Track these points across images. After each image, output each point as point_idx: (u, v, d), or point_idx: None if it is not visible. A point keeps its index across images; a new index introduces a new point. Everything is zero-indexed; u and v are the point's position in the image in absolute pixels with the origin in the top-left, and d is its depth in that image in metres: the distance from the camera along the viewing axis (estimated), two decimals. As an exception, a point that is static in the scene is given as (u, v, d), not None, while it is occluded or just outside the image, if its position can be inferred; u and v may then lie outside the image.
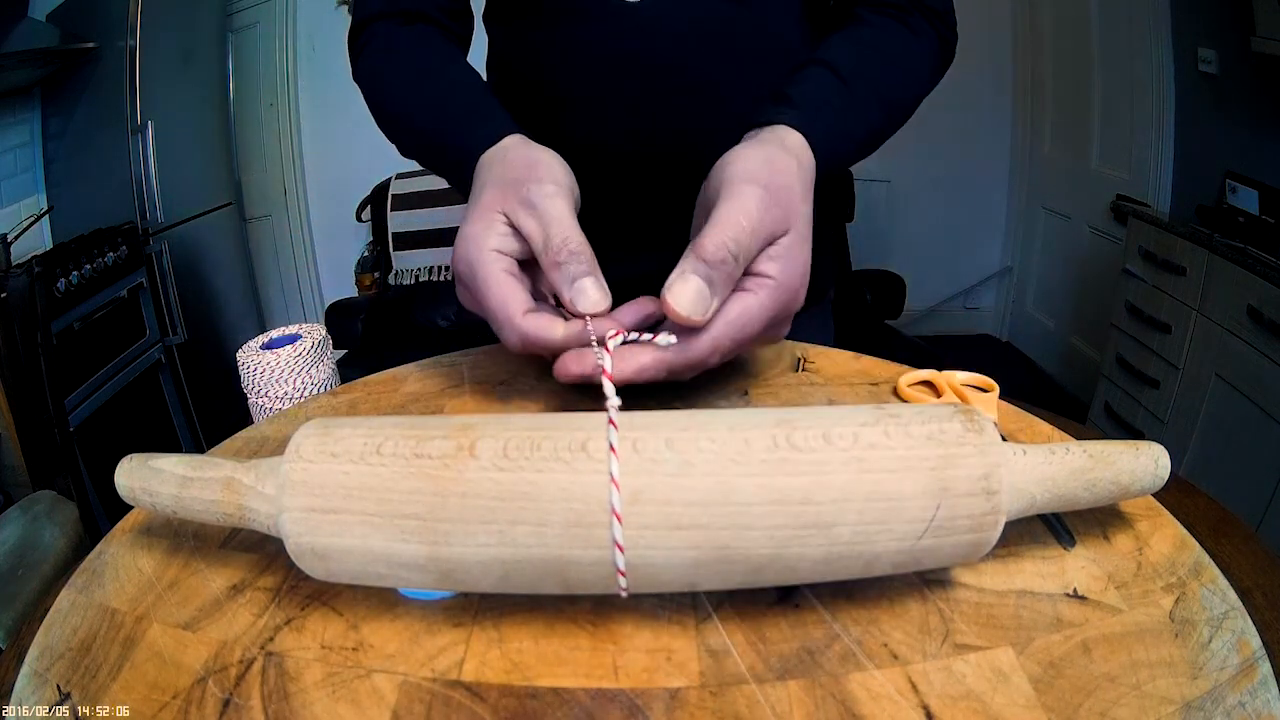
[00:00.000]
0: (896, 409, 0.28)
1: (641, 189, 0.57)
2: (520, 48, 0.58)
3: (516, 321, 0.36)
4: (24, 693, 0.26)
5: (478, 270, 0.37)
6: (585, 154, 0.57)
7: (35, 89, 1.83)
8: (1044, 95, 2.41)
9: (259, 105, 2.45)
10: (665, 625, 0.28)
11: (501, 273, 0.37)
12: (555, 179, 0.39)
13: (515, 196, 0.38)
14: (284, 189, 2.55)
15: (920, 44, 0.53)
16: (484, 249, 0.37)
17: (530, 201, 0.37)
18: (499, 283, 0.36)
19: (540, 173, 0.39)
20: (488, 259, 0.37)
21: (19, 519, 0.77)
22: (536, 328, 0.36)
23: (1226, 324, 1.40)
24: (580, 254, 0.36)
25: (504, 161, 0.41)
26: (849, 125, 0.47)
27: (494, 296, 0.36)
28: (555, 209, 0.37)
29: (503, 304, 0.36)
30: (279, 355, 0.50)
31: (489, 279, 0.36)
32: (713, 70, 0.54)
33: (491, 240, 0.37)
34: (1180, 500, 0.36)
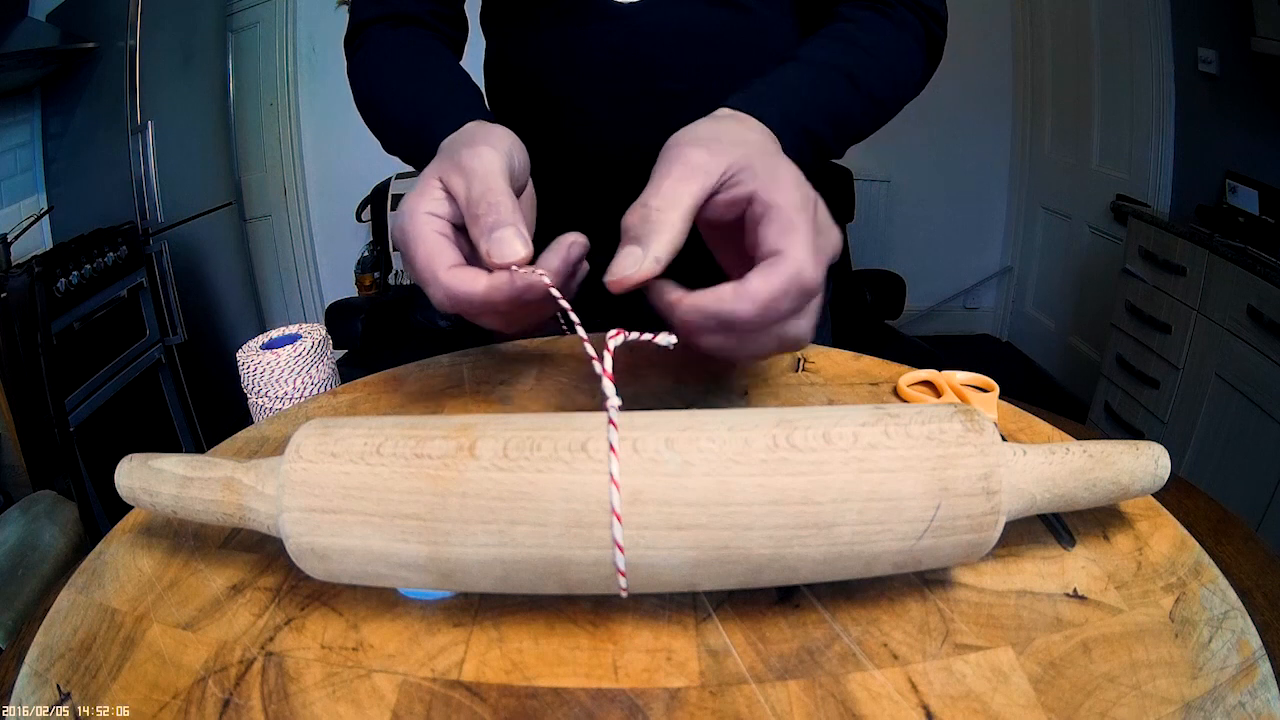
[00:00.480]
0: (896, 409, 0.28)
1: (634, 191, 0.57)
2: (516, 50, 0.58)
3: (440, 276, 0.35)
4: (24, 693, 0.26)
5: (408, 231, 0.36)
6: (580, 156, 0.57)
7: (35, 89, 1.82)
8: (1044, 95, 2.41)
9: (259, 105, 2.45)
10: (665, 625, 0.28)
11: (430, 232, 0.36)
12: (491, 142, 0.38)
13: (450, 162, 0.37)
14: (284, 189, 2.55)
15: (903, 32, 0.52)
16: (416, 212, 0.36)
17: (460, 163, 0.37)
18: (424, 240, 0.36)
19: (478, 138, 0.38)
20: (418, 220, 0.36)
21: (19, 519, 0.77)
22: (459, 281, 0.35)
23: (1226, 324, 1.40)
24: (499, 204, 0.35)
25: (454, 140, 0.41)
26: (813, 102, 0.45)
27: (420, 254, 0.36)
28: (481, 165, 0.36)
29: (428, 259, 0.35)
30: (279, 355, 0.50)
31: (416, 238, 0.36)
32: (706, 73, 0.54)
33: (424, 205, 0.37)
34: (1180, 500, 0.36)
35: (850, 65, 0.48)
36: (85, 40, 1.79)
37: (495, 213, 0.34)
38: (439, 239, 0.36)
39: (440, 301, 0.36)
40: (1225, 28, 1.62)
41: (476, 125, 0.42)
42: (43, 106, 1.85)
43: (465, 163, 0.36)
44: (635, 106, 0.54)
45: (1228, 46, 1.63)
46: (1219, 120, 1.71)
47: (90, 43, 1.80)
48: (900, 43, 0.52)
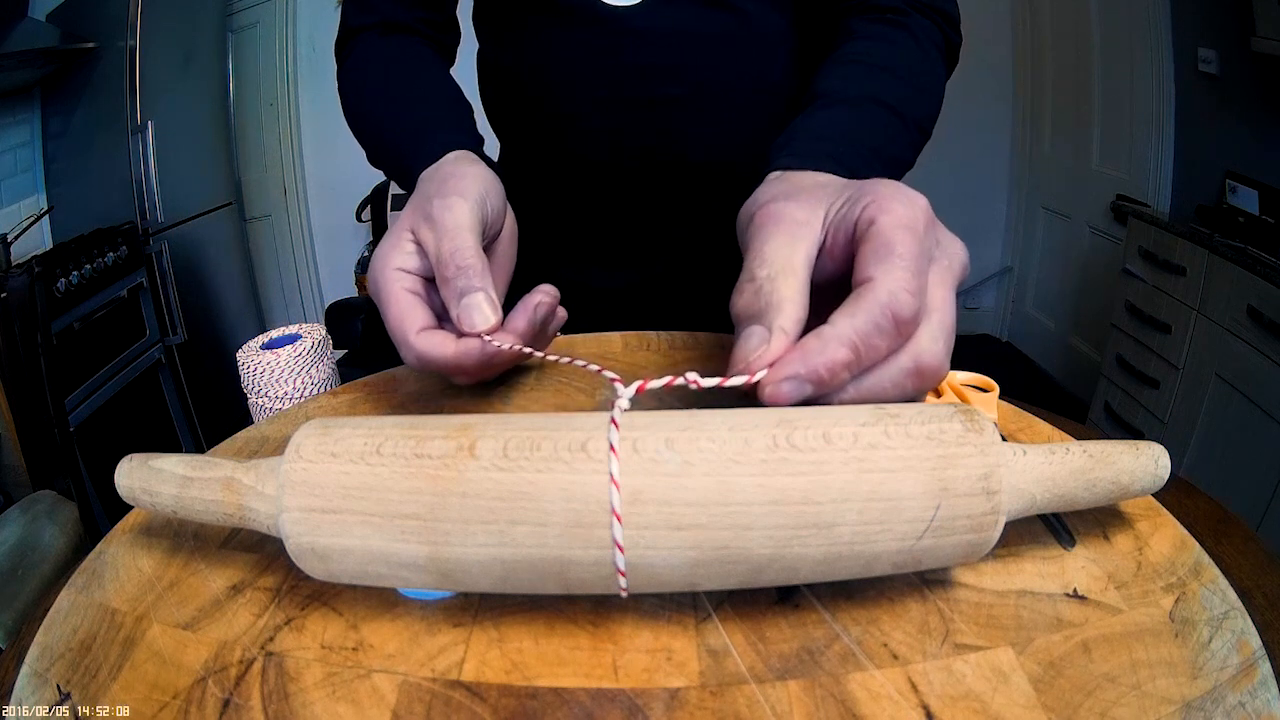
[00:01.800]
0: (896, 409, 0.28)
1: (628, 197, 0.56)
2: (508, 54, 0.58)
3: (410, 340, 0.35)
4: (24, 693, 0.26)
5: (379, 290, 0.37)
6: (574, 160, 0.57)
7: (35, 89, 1.83)
8: (1044, 95, 2.41)
9: (259, 105, 2.45)
10: (665, 625, 0.28)
11: (400, 290, 0.36)
12: (462, 191, 0.37)
13: (421, 212, 0.37)
14: (284, 189, 2.55)
15: (927, 47, 0.50)
16: (387, 268, 0.36)
17: (430, 215, 0.36)
18: (396, 301, 0.36)
19: (450, 186, 0.37)
20: (389, 278, 0.36)
21: (19, 519, 0.77)
22: (429, 345, 0.35)
23: (1226, 324, 1.40)
24: (469, 267, 0.34)
25: (430, 179, 0.40)
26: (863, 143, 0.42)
27: (392, 315, 0.36)
28: (451, 220, 0.36)
29: (399, 322, 0.35)
30: (279, 355, 0.50)
31: (388, 297, 0.36)
32: (702, 76, 0.53)
33: (395, 259, 0.37)
34: (1180, 500, 0.36)
35: (890, 96, 0.44)
36: (85, 40, 1.79)
37: (465, 277, 0.34)
38: (410, 299, 0.36)
39: (411, 362, 0.36)
40: (1225, 28, 1.62)
41: (454, 162, 0.41)
42: (43, 106, 1.85)
43: (436, 216, 0.36)
44: (629, 111, 0.54)
45: (1228, 46, 1.63)
46: (1219, 120, 1.72)
47: (90, 43, 1.80)
48: (928, 60, 0.49)
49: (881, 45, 0.48)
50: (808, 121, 0.42)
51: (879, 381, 0.29)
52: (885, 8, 0.50)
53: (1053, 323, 2.47)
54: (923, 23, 0.50)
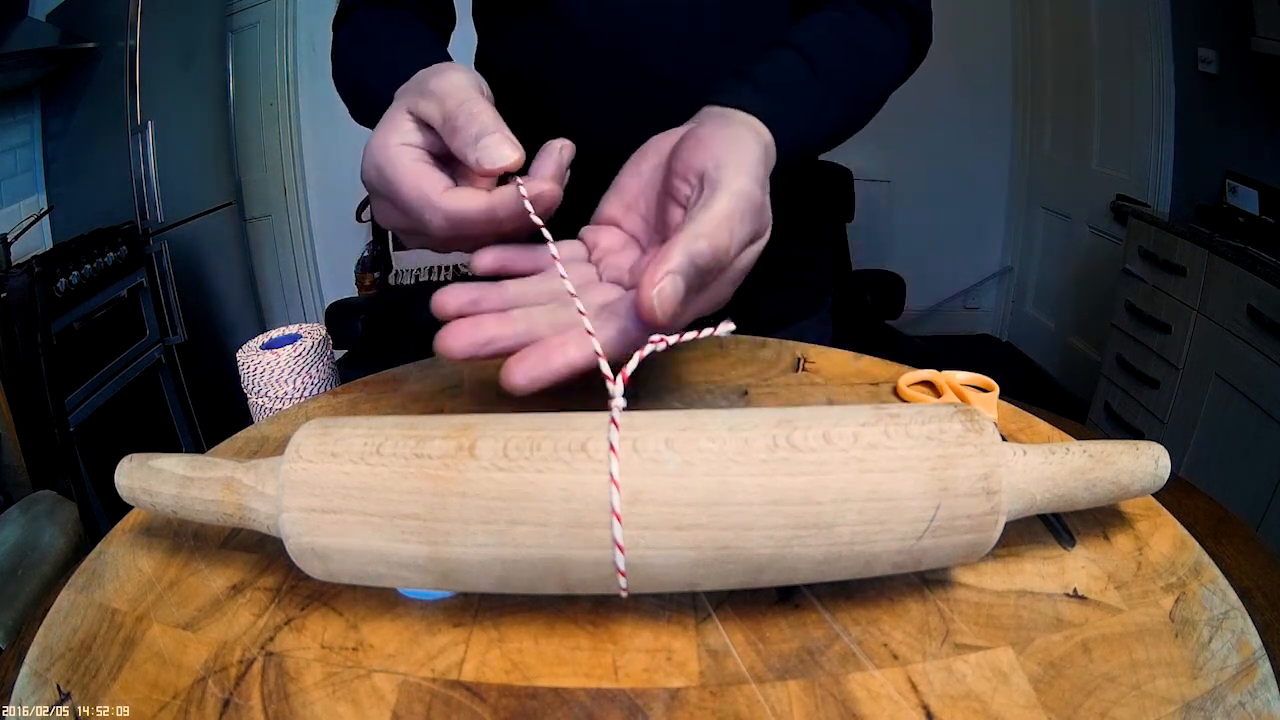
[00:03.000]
0: (896, 409, 0.28)
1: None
2: (504, 42, 0.59)
3: (435, 200, 0.32)
4: (24, 693, 0.26)
5: (385, 168, 0.34)
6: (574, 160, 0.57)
7: (35, 89, 1.83)
8: (1044, 95, 2.41)
9: (259, 105, 2.45)
10: (665, 625, 0.28)
11: (412, 161, 0.34)
12: (455, 67, 0.36)
13: (414, 92, 0.35)
14: (284, 189, 2.55)
15: (896, 42, 0.51)
16: (389, 145, 0.34)
17: (426, 89, 0.34)
18: (410, 170, 0.33)
19: (439, 69, 0.36)
20: (395, 153, 0.34)
21: (19, 519, 0.77)
22: (459, 202, 0.32)
23: (1226, 324, 1.40)
24: (480, 114, 0.32)
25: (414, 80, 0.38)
26: (814, 122, 0.44)
27: (407, 185, 0.33)
28: (450, 84, 0.34)
29: (417, 188, 0.33)
30: (279, 355, 0.50)
31: (399, 170, 0.33)
32: (696, 59, 0.53)
33: (395, 138, 0.34)
34: (1180, 500, 0.36)
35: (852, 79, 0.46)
36: (85, 40, 1.79)
37: (477, 122, 0.32)
38: (423, 166, 0.34)
39: (439, 228, 0.33)
40: (1225, 28, 1.62)
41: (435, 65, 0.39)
42: (43, 106, 1.85)
43: (433, 86, 0.34)
44: (624, 95, 0.54)
45: (1228, 46, 1.63)
46: (1219, 120, 1.71)
47: (90, 43, 1.80)
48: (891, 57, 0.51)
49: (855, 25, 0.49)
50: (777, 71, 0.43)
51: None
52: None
53: (1053, 323, 2.47)
54: (898, 20, 0.51)
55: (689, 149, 0.35)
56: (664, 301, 0.27)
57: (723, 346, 0.51)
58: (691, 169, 0.34)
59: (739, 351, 0.50)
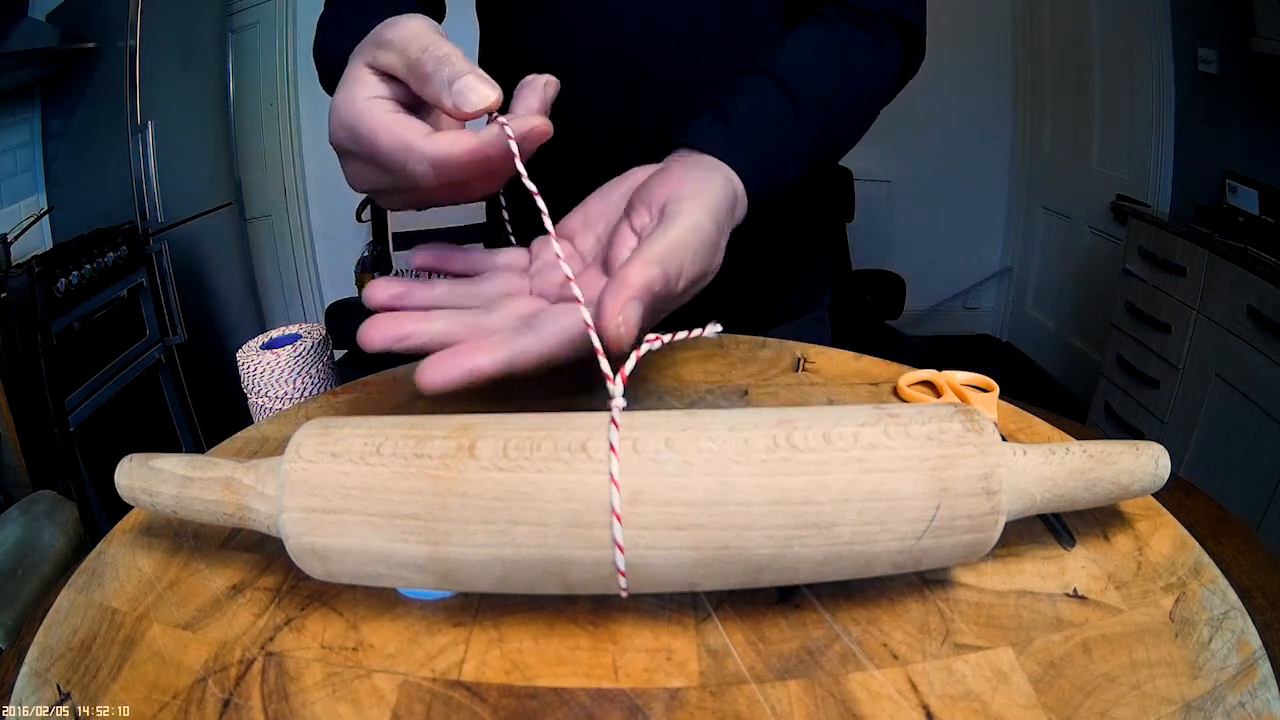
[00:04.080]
0: (896, 409, 0.28)
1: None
2: (505, 37, 0.59)
3: (419, 147, 0.31)
4: (24, 693, 0.26)
5: (357, 125, 0.32)
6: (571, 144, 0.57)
7: (35, 89, 1.83)
8: (1044, 95, 2.41)
9: (259, 105, 2.45)
10: (665, 625, 0.28)
11: (385, 113, 0.32)
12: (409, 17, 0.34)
13: (372, 45, 0.33)
14: (284, 189, 2.55)
15: (885, 60, 0.49)
16: (356, 101, 0.32)
17: (382, 40, 0.33)
18: (386, 121, 0.32)
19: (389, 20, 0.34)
20: (363, 108, 0.32)
21: (19, 519, 0.77)
22: (445, 145, 0.31)
23: (1226, 324, 1.40)
24: (448, 56, 0.31)
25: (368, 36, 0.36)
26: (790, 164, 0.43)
27: (384, 137, 0.31)
28: (407, 30, 0.32)
29: (398, 138, 0.31)
30: (279, 355, 0.50)
31: (374, 124, 0.32)
32: (695, 58, 0.53)
33: (362, 92, 0.33)
34: (1180, 500, 0.36)
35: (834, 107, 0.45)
36: (85, 40, 1.79)
37: (448, 64, 0.30)
38: (399, 115, 0.32)
39: (424, 174, 0.32)
40: (1225, 28, 1.62)
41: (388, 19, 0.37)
42: (43, 106, 1.85)
43: (389, 36, 0.32)
44: (624, 93, 0.54)
45: (1228, 46, 1.63)
46: (1219, 120, 1.72)
47: (90, 43, 1.80)
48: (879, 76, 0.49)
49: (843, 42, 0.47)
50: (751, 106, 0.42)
51: None
52: (855, 8, 0.49)
53: (1053, 323, 2.47)
54: (888, 34, 0.49)
55: (656, 181, 0.36)
56: (629, 328, 0.27)
57: (723, 346, 0.51)
58: (654, 199, 0.35)
59: (739, 351, 0.50)
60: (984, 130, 2.54)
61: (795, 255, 0.64)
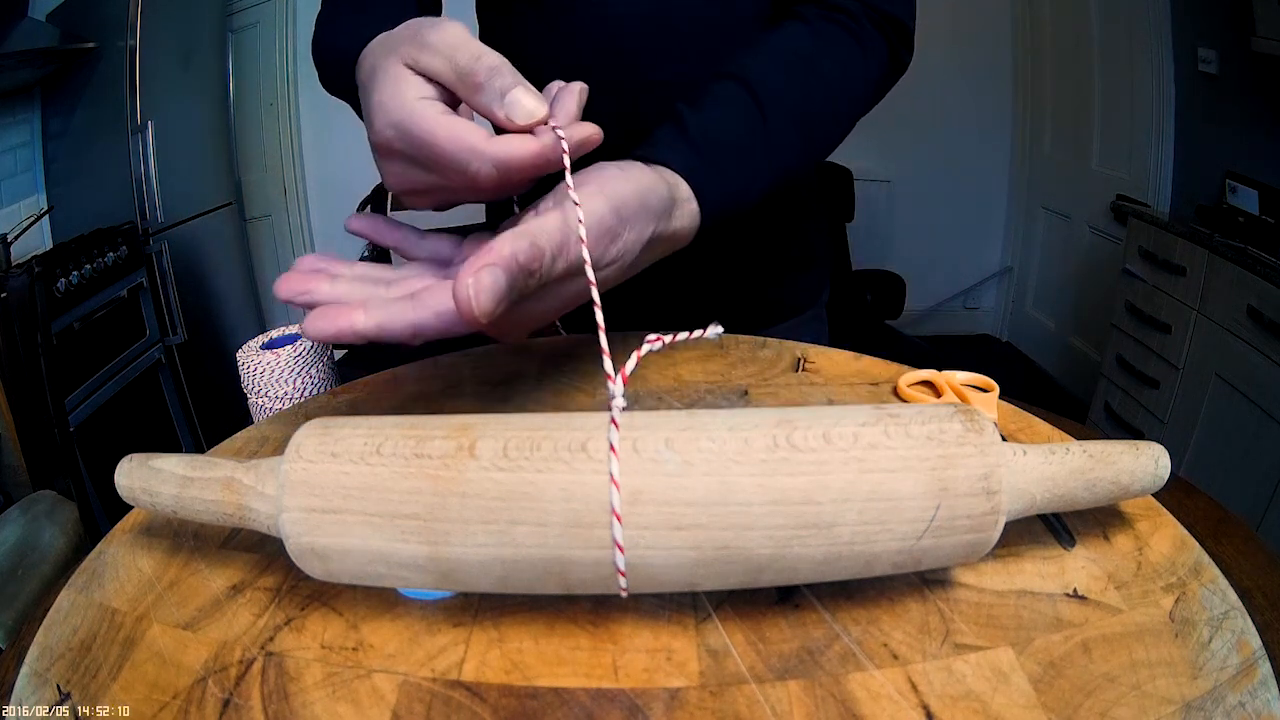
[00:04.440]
0: (896, 409, 0.28)
1: None
2: (500, 38, 0.59)
3: (484, 148, 0.31)
4: (24, 693, 0.26)
5: (412, 126, 0.32)
6: None
7: (35, 89, 1.83)
8: (1044, 95, 2.41)
9: (259, 105, 2.45)
10: (665, 625, 0.28)
11: (441, 114, 0.32)
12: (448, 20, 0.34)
13: (411, 46, 0.33)
14: (284, 189, 2.55)
15: (868, 63, 0.48)
16: (408, 101, 0.33)
17: (424, 42, 0.33)
18: (444, 123, 0.32)
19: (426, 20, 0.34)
20: (418, 108, 0.32)
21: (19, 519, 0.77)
22: (511, 148, 0.31)
23: (1226, 324, 1.40)
24: (499, 67, 0.32)
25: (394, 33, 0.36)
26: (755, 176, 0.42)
27: (445, 139, 0.32)
28: (452, 35, 0.33)
29: (460, 138, 0.32)
30: (279, 355, 0.50)
31: (433, 124, 0.32)
32: (685, 58, 0.53)
33: (411, 91, 0.33)
34: (1180, 500, 0.36)
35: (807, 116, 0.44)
36: (85, 40, 1.79)
37: (499, 76, 0.31)
38: (455, 118, 0.33)
39: (487, 175, 0.32)
40: (1225, 28, 1.62)
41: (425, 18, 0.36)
42: (43, 106, 1.85)
43: (433, 39, 0.33)
44: (623, 94, 0.54)
45: (1228, 46, 1.63)
46: (1219, 120, 1.71)
47: (90, 43, 1.80)
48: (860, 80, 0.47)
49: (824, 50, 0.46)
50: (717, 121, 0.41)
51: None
52: (838, 6, 0.48)
53: (1053, 323, 2.47)
54: (872, 34, 0.48)
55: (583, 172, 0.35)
56: (479, 292, 0.26)
57: (723, 346, 0.51)
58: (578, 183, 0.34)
59: (739, 351, 0.50)
60: (984, 130, 2.54)
61: (793, 254, 0.64)
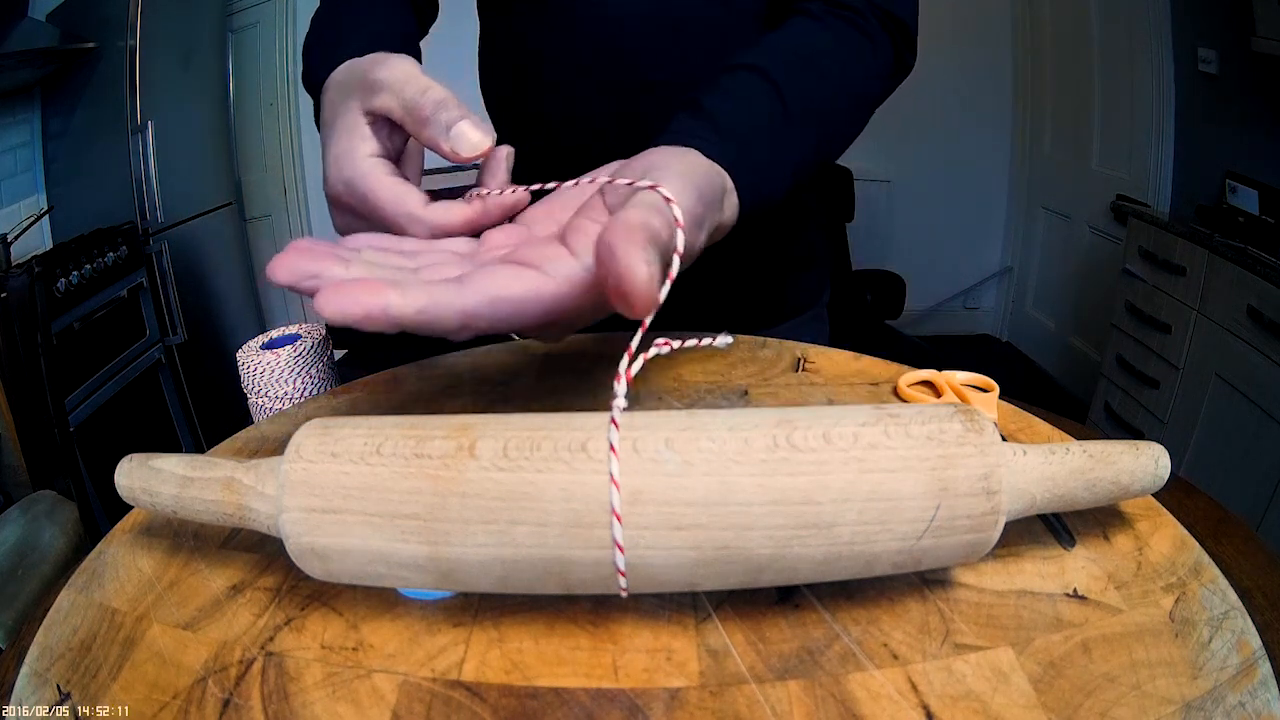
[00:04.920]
0: (896, 409, 0.28)
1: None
2: (499, 37, 0.59)
3: (420, 213, 0.33)
4: (24, 693, 0.26)
5: (358, 185, 0.34)
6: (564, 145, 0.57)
7: (35, 89, 1.83)
8: (1044, 95, 2.41)
9: (259, 105, 2.45)
10: (665, 625, 0.28)
11: (387, 177, 0.34)
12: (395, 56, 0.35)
13: (361, 89, 0.35)
14: (284, 189, 2.55)
15: (877, 60, 0.47)
16: (359, 159, 0.34)
17: (374, 82, 0.34)
18: (389, 186, 0.33)
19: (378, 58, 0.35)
20: (365, 168, 0.34)
21: (19, 519, 0.77)
22: (444, 214, 0.33)
23: (1226, 324, 1.40)
24: (445, 100, 0.33)
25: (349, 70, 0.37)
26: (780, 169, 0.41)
27: (387, 200, 0.33)
28: (401, 72, 0.34)
29: (398, 203, 0.33)
30: (279, 355, 0.50)
31: (377, 186, 0.34)
32: (685, 58, 0.53)
33: (362, 148, 0.34)
34: (1180, 500, 0.36)
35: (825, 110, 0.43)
36: (85, 40, 1.79)
37: (445, 109, 0.32)
38: (398, 181, 0.34)
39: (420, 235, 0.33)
40: (1225, 28, 1.62)
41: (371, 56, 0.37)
42: (43, 106, 1.85)
43: (383, 77, 0.34)
44: (614, 94, 0.54)
45: (1228, 46, 1.63)
46: (1219, 120, 1.72)
47: (90, 43, 1.80)
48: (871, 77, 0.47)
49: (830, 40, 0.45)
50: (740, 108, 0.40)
51: None
52: (845, 3, 0.47)
53: (1053, 323, 2.47)
54: (879, 33, 0.47)
55: (634, 159, 0.34)
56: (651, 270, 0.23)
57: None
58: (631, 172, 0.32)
59: (739, 351, 0.50)
60: (984, 130, 2.54)
61: (793, 254, 0.64)
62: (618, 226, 0.24)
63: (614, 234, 0.24)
